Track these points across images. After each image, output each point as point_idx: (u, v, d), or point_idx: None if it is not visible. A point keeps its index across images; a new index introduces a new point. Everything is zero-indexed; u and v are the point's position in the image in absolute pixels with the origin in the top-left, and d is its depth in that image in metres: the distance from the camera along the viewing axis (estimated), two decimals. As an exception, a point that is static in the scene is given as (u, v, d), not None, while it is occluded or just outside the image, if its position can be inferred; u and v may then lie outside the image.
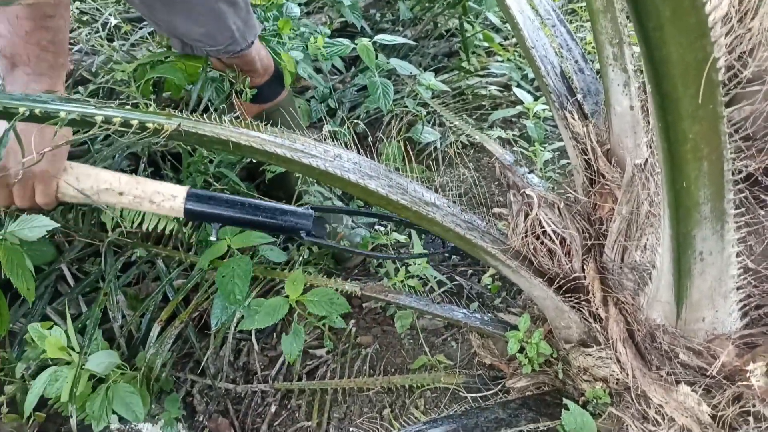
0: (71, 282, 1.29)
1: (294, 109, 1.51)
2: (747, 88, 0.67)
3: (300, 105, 1.80)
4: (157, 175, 1.44)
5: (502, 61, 2.15)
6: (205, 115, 0.73)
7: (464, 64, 2.12)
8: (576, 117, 0.97)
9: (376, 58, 1.58)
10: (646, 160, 0.76)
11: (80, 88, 1.42)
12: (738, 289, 0.70)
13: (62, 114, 0.63)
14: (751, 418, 0.69)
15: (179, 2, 1.13)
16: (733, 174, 0.56)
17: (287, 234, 1.00)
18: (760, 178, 0.71)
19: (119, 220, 1.29)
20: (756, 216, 0.69)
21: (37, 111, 0.62)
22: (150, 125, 0.65)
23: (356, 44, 1.48)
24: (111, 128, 0.63)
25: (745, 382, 0.67)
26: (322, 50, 1.57)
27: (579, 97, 1.05)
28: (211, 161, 1.38)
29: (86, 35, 1.53)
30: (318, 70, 1.94)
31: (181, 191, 0.83)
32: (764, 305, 0.72)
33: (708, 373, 0.73)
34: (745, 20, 0.66)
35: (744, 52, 0.69)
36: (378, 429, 1.02)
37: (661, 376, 0.78)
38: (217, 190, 1.38)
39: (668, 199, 0.59)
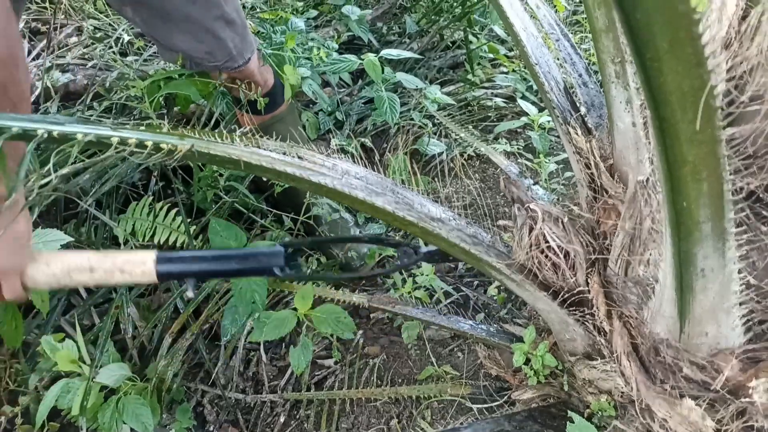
0: (84, 294, 1.32)
1: (295, 122, 1.53)
2: (747, 109, 0.68)
3: (308, 118, 1.83)
4: (168, 188, 1.47)
5: (507, 73, 2.17)
6: (216, 134, 0.75)
7: (469, 76, 2.14)
8: (579, 132, 0.99)
9: (383, 71, 1.60)
10: (649, 177, 0.78)
11: (95, 104, 1.46)
12: (740, 304, 0.70)
13: (79, 136, 0.65)
14: (754, 430, 0.70)
15: (178, 20, 1.16)
16: (733, 194, 0.58)
17: (262, 275, 1.01)
18: (761, 195, 0.72)
19: (128, 237, 1.32)
20: (758, 233, 0.70)
21: (55, 133, 0.65)
22: (164, 146, 0.67)
23: (362, 59, 1.51)
24: (126, 150, 0.65)
25: (748, 399, 0.68)
26: (325, 60, 1.60)
27: (582, 111, 1.06)
28: (221, 175, 1.40)
29: (100, 51, 1.57)
30: (326, 83, 1.97)
31: (149, 256, 0.83)
32: (767, 320, 0.73)
33: (712, 388, 0.74)
34: (744, 44, 0.67)
35: (744, 72, 0.70)
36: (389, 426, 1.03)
37: (665, 390, 0.79)
38: (227, 203, 1.41)
39: (669, 218, 0.61)
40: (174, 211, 1.33)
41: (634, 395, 0.82)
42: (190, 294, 0.87)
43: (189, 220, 1.37)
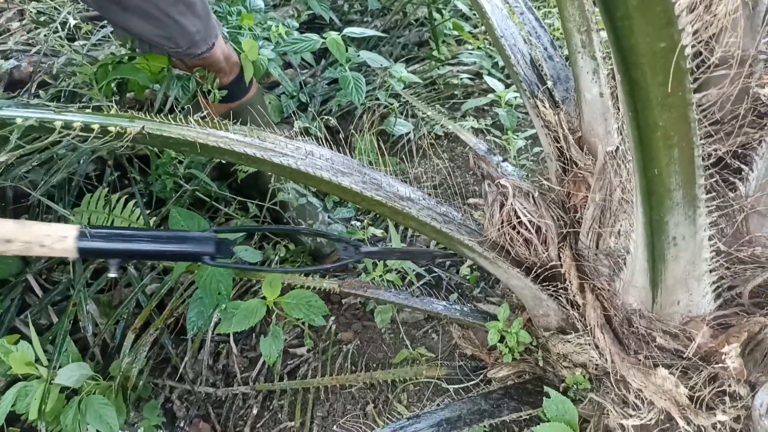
0: (39, 293, 1.25)
1: (263, 106, 1.49)
2: (714, 73, 0.67)
3: (270, 101, 1.77)
4: (124, 179, 1.41)
5: (473, 50, 2.15)
6: (170, 116, 0.70)
7: (435, 53, 2.11)
8: (547, 105, 0.97)
9: (347, 51, 1.56)
10: (618, 147, 0.76)
11: (41, 92, 1.37)
12: (711, 271, 0.70)
13: (18, 120, 0.60)
14: (727, 398, 0.71)
15: (135, 4, 1.10)
16: (703, 159, 0.57)
17: (191, 261, 0.96)
18: (729, 161, 0.71)
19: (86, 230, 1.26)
20: (726, 199, 0.70)
21: None
22: (112, 129, 0.63)
23: (325, 38, 1.46)
24: (71, 134, 0.60)
25: (720, 364, 0.68)
26: (285, 39, 1.55)
27: (549, 84, 1.05)
28: (180, 162, 1.35)
29: (44, 36, 1.48)
30: (288, 65, 1.91)
31: (71, 230, 0.78)
32: (736, 286, 0.74)
33: (684, 356, 0.74)
34: (711, 5, 0.66)
35: (711, 37, 0.69)
36: (362, 427, 1.01)
37: (639, 360, 0.79)
38: (187, 191, 1.35)
39: (640, 186, 0.60)
40: (132, 202, 1.27)
41: (608, 367, 0.82)
42: (112, 274, 0.82)
43: (149, 211, 1.31)
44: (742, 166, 0.71)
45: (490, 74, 1.98)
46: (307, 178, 0.73)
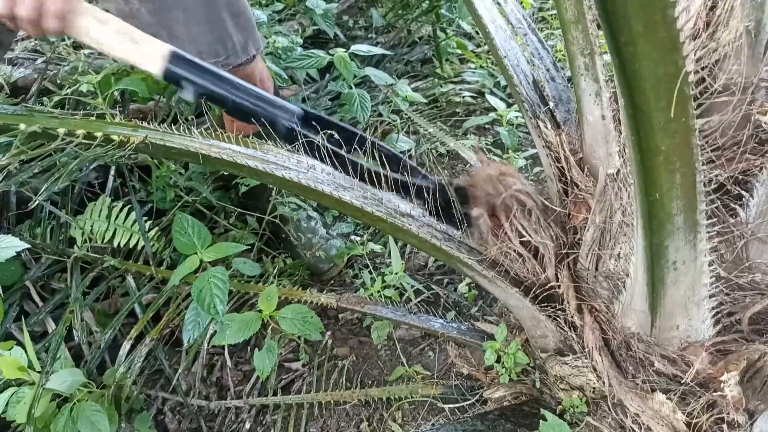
0: (37, 299, 1.24)
1: None
2: (716, 100, 0.68)
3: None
4: (124, 187, 1.41)
5: (475, 69, 2.17)
6: (174, 127, 0.71)
7: (438, 71, 2.13)
8: (549, 126, 0.98)
9: (356, 65, 1.57)
10: (619, 169, 0.77)
11: (44, 99, 1.38)
12: (710, 297, 0.70)
13: (22, 126, 0.60)
14: (725, 426, 0.70)
15: (177, 8, 1.08)
16: (705, 185, 0.57)
17: (269, 124, 0.90)
18: (729, 188, 0.72)
19: (89, 236, 1.26)
20: (727, 225, 0.70)
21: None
22: (115, 137, 0.63)
23: (332, 55, 1.47)
24: (74, 141, 0.60)
25: (719, 393, 0.67)
26: (290, 54, 1.56)
27: (551, 105, 1.05)
28: (181, 174, 1.35)
29: (53, 44, 1.49)
30: (292, 79, 1.92)
31: (166, 49, 0.77)
32: (736, 312, 0.73)
33: (682, 381, 0.74)
34: (715, 33, 0.67)
35: (714, 63, 0.70)
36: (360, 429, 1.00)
37: (637, 384, 0.78)
38: (188, 203, 1.36)
39: (641, 210, 0.60)
40: (131, 214, 1.27)
41: (606, 390, 0.81)
42: (188, 97, 0.79)
43: (150, 220, 1.31)
44: (743, 193, 0.71)
45: (492, 93, 2.00)
46: (309, 191, 0.73)
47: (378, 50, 1.62)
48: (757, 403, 0.70)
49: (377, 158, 0.83)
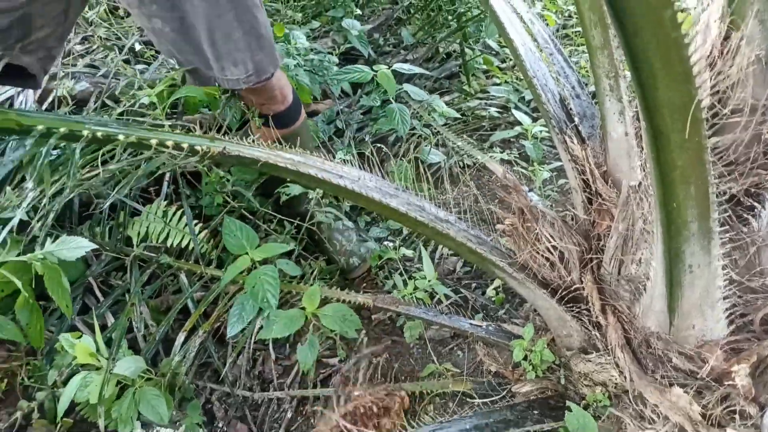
0: (98, 294, 1.35)
1: (308, 133, 1.59)
2: (729, 120, 0.76)
3: (310, 126, 1.88)
4: (176, 192, 1.52)
5: (500, 84, 2.26)
6: (244, 138, 0.80)
7: (465, 87, 2.22)
8: (575, 141, 1.06)
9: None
10: (640, 182, 0.84)
11: (103, 111, 1.50)
12: (724, 299, 0.77)
13: (121, 137, 0.70)
14: (737, 416, 0.77)
15: (200, 29, 1.19)
16: (717, 196, 0.65)
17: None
18: (741, 199, 0.79)
19: (144, 236, 1.37)
20: (739, 233, 0.77)
21: (99, 134, 0.70)
22: (199, 148, 0.73)
23: (375, 71, 1.57)
24: (165, 151, 0.70)
25: (730, 382, 0.74)
26: (328, 72, 1.67)
27: (577, 121, 1.13)
28: (227, 180, 1.45)
29: (112, 59, 1.61)
30: (325, 93, 2.03)
31: None
32: (748, 314, 0.80)
33: (698, 376, 0.81)
34: (728, 62, 0.75)
35: (728, 87, 0.78)
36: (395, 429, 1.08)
37: (656, 379, 0.85)
38: (233, 209, 1.46)
39: (660, 218, 0.67)
40: (185, 216, 1.38)
41: (627, 385, 0.89)
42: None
43: (199, 223, 1.41)
44: (755, 204, 0.78)
45: (517, 108, 2.08)
46: (360, 198, 0.82)
47: (418, 69, 1.72)
48: (767, 396, 0.77)
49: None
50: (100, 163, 0.79)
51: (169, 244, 1.39)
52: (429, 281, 1.30)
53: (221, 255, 1.44)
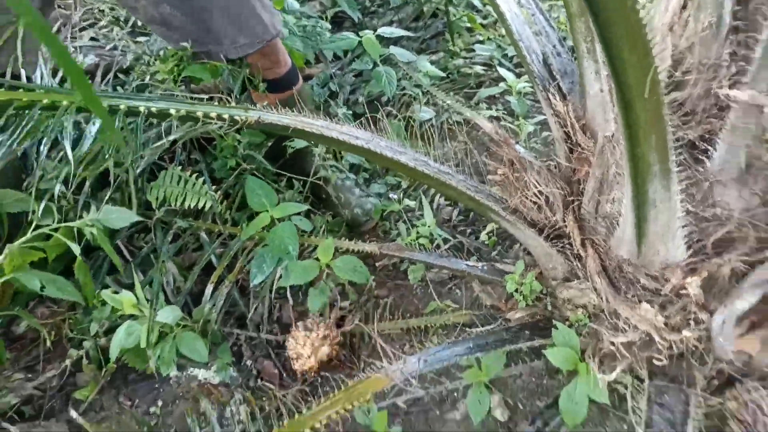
0: (126, 254, 1.48)
1: (308, 96, 1.70)
2: (687, 77, 0.90)
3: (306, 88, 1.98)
4: (188, 159, 1.63)
5: (483, 41, 2.35)
6: (272, 107, 0.92)
7: (450, 46, 2.31)
8: (557, 98, 1.19)
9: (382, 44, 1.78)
10: (613, 133, 0.98)
11: (111, 82, 1.58)
12: (683, 227, 0.93)
13: (173, 111, 0.82)
14: (692, 322, 0.94)
15: (211, 7, 1.28)
16: (676, 142, 0.79)
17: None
18: (697, 144, 0.94)
19: (164, 200, 1.48)
20: (695, 172, 0.92)
21: (154, 109, 0.81)
22: (237, 118, 0.84)
23: (361, 37, 1.67)
24: (211, 122, 0.82)
25: (685, 291, 0.91)
26: (320, 37, 1.76)
27: (558, 78, 1.26)
28: (239, 143, 1.56)
29: (117, 33, 1.68)
30: (317, 58, 2.12)
31: None
32: (703, 239, 0.96)
33: (662, 293, 0.97)
34: (687, 26, 0.88)
35: (686, 48, 0.91)
36: (407, 350, 1.24)
37: (628, 298, 1.02)
38: (246, 170, 1.57)
39: (628, 163, 0.82)
40: (201, 179, 1.49)
41: (603, 305, 1.05)
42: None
43: (213, 186, 1.53)
44: (708, 147, 0.93)
45: (501, 64, 2.19)
46: (375, 156, 0.95)
47: (400, 32, 1.82)
48: (716, 305, 0.93)
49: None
50: (163, 134, 0.90)
51: (186, 207, 1.51)
52: (429, 227, 1.45)
53: (234, 216, 1.57)
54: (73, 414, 1.23)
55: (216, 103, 0.87)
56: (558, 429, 1.08)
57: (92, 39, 1.77)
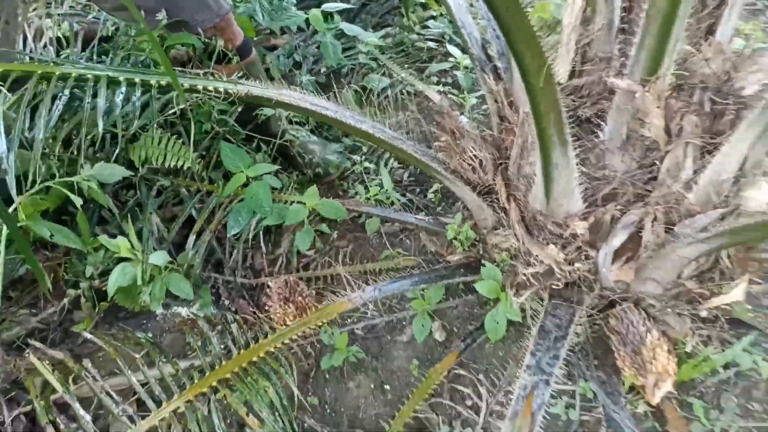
0: (112, 208, 1.65)
1: (259, 65, 1.88)
2: (585, 67, 1.15)
3: (271, 60, 2.15)
4: (166, 122, 1.78)
5: (437, 17, 2.56)
6: (255, 80, 1.12)
7: (405, 21, 2.51)
8: (491, 78, 1.43)
9: (332, 20, 1.97)
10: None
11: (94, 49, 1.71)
12: (580, 185, 1.20)
13: (186, 85, 1.00)
14: (584, 257, 1.22)
15: None
16: (570, 119, 1.04)
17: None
18: (592, 119, 1.20)
19: (146, 159, 1.65)
20: (585, 141, 1.19)
21: (163, 83, 1.00)
22: (231, 91, 1.04)
23: (308, 14, 1.86)
24: (210, 94, 1.01)
25: (573, 231, 1.18)
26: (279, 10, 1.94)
27: (495, 61, 1.50)
28: (213, 108, 1.73)
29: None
30: (282, 30, 2.28)
31: None
32: (595, 195, 1.24)
33: (563, 236, 1.25)
34: (589, 25, 1.13)
35: (585, 45, 1.17)
36: (365, 281, 1.49)
37: (539, 241, 1.29)
38: (219, 133, 1.76)
39: (537, 134, 1.07)
40: (180, 140, 1.66)
41: (521, 247, 1.32)
42: None
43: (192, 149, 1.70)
44: (601, 122, 1.20)
45: (451, 40, 2.41)
46: (342, 124, 1.16)
47: (342, 5, 2.01)
48: (600, 243, 1.22)
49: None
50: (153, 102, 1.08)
51: (167, 166, 1.68)
52: (386, 190, 1.68)
53: (210, 174, 1.75)
54: (87, 334, 1.39)
55: (212, 78, 1.05)
56: (483, 344, 1.36)
57: (70, 7, 1.88)
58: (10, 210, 1.27)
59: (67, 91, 1.24)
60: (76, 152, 1.68)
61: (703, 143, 1.12)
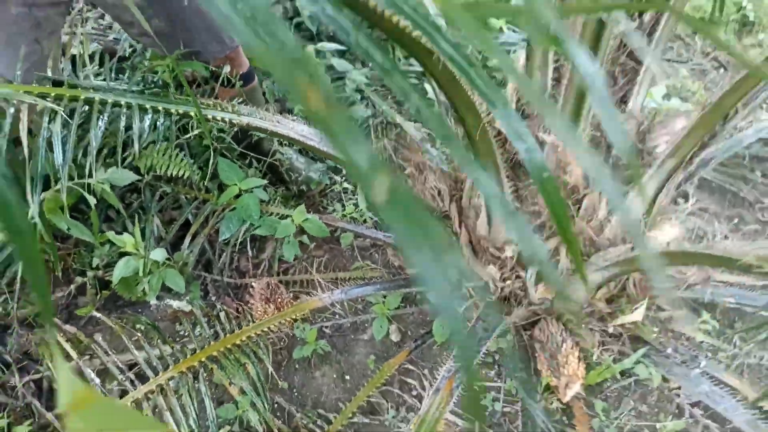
0: (119, 209, 1.87)
1: (260, 92, 2.12)
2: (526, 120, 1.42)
3: (267, 86, 2.40)
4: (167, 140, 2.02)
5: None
6: (252, 109, 1.37)
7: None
8: (452, 123, 1.69)
9: (324, 57, 2.23)
10: (480, 152, 1.50)
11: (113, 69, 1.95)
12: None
13: (192, 114, 1.25)
14: (514, 276, 1.48)
15: (190, 29, 1.68)
16: (505, 163, 1.31)
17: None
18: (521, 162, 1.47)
19: (151, 167, 1.88)
20: (516, 180, 1.45)
21: (180, 111, 1.24)
22: (236, 121, 1.29)
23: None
24: (214, 123, 1.26)
25: (504, 254, 1.44)
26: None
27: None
28: (214, 126, 1.98)
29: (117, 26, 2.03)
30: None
31: None
32: (532, 224, 1.50)
33: (501, 258, 1.51)
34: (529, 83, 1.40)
35: (527, 101, 1.44)
36: (335, 286, 1.72)
37: (482, 261, 1.55)
38: (217, 149, 2.00)
39: (479, 173, 1.33)
40: (182, 153, 1.90)
41: (467, 267, 1.58)
42: None
43: (191, 160, 1.94)
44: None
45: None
46: (322, 152, 1.41)
47: (334, 45, 2.28)
48: (528, 265, 1.48)
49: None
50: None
51: (170, 174, 1.91)
52: (361, 209, 1.93)
53: (207, 184, 1.99)
54: (97, 313, 1.61)
55: (219, 110, 1.30)
56: (431, 345, 1.61)
57: (93, 28, 2.11)
58: (35, 205, 1.50)
59: (106, 116, 1.48)
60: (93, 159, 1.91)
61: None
